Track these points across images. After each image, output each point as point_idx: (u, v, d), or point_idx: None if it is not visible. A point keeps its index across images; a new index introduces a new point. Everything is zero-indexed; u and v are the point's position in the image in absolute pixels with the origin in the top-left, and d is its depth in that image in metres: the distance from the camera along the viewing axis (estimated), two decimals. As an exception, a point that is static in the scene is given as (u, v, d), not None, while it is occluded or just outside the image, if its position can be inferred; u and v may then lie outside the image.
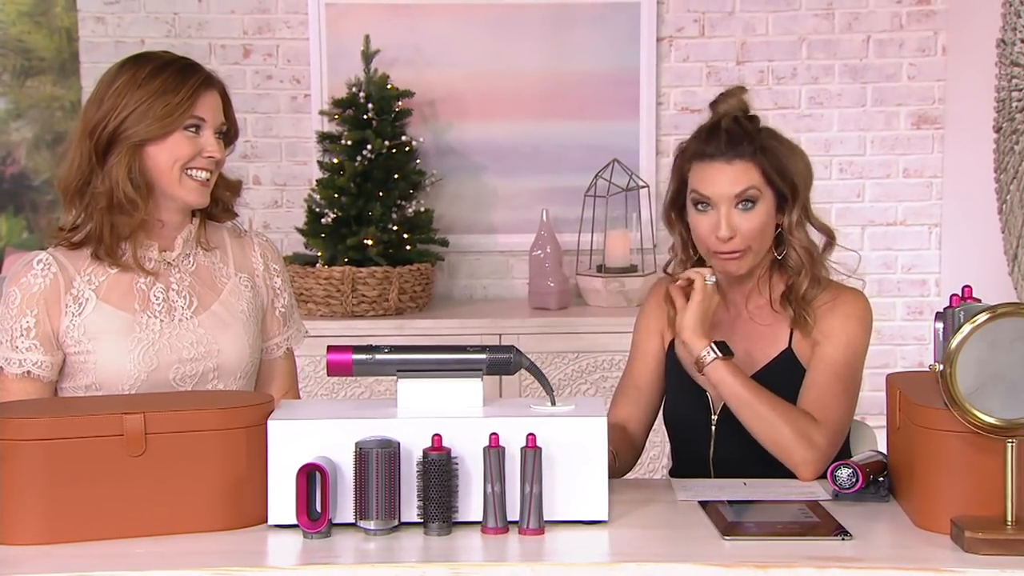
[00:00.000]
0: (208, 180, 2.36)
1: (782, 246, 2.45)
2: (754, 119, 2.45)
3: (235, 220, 2.51)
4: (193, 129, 2.32)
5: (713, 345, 2.34)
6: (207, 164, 2.34)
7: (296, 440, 1.98)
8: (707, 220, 2.41)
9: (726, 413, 2.42)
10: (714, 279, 2.39)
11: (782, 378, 2.40)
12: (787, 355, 2.43)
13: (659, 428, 2.62)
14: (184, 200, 2.35)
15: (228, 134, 2.41)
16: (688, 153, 2.45)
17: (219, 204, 2.45)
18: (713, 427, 2.46)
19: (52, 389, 2.35)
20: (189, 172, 2.33)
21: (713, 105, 2.48)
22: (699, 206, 2.42)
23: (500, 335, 3.87)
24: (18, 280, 2.32)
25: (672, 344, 2.54)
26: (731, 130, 2.41)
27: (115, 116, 2.29)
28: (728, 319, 2.50)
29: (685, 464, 2.54)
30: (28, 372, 2.30)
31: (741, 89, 2.49)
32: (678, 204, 2.49)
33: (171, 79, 2.31)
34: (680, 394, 2.52)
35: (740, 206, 2.39)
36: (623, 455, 2.45)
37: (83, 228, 2.34)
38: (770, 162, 2.40)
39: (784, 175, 2.40)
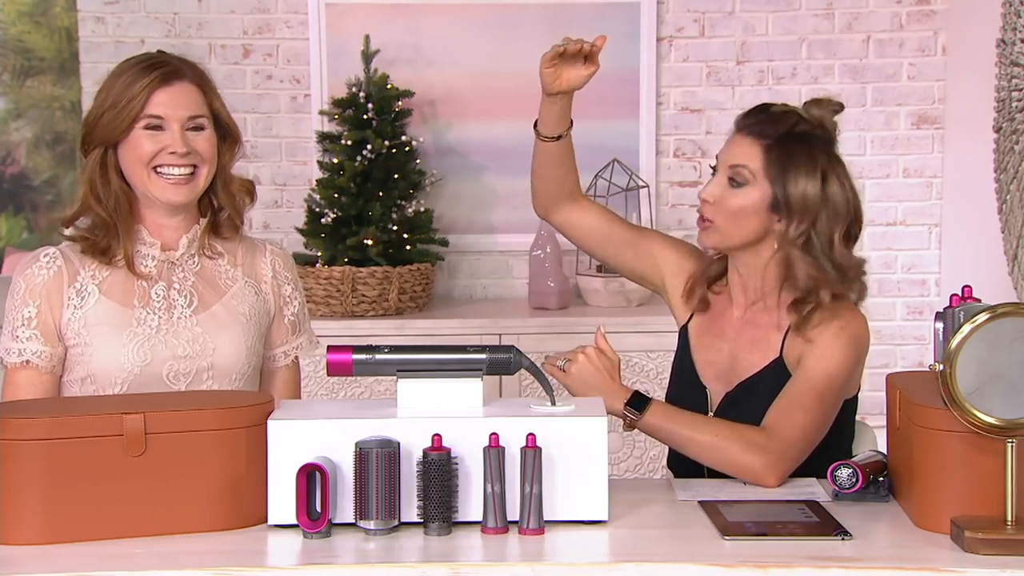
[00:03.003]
0: (183, 177, 2.34)
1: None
2: (814, 126, 2.40)
3: (240, 232, 2.47)
4: (152, 128, 2.32)
5: (628, 407, 2.29)
6: (173, 160, 2.32)
7: (296, 440, 1.98)
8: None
9: (722, 410, 2.42)
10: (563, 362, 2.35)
11: (771, 385, 2.37)
12: (777, 363, 2.41)
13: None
14: (159, 198, 2.35)
15: (220, 126, 2.39)
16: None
17: (221, 210, 2.42)
18: None
19: (56, 381, 2.36)
20: (159, 170, 2.33)
21: (806, 104, 2.46)
22: (713, 170, 2.45)
23: (500, 335, 3.87)
24: (23, 272, 2.36)
25: (686, 327, 2.53)
26: (770, 114, 2.40)
27: (91, 119, 2.34)
28: (731, 323, 2.49)
29: (682, 457, 2.52)
30: (27, 361, 2.32)
31: (839, 105, 2.46)
32: None
33: (130, 78, 2.33)
34: (681, 386, 2.52)
35: (730, 181, 2.39)
36: (566, 178, 2.53)
37: (91, 229, 2.37)
38: (778, 160, 2.36)
39: (778, 180, 2.36)
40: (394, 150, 4.08)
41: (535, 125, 2.52)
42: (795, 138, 2.38)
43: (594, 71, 2.45)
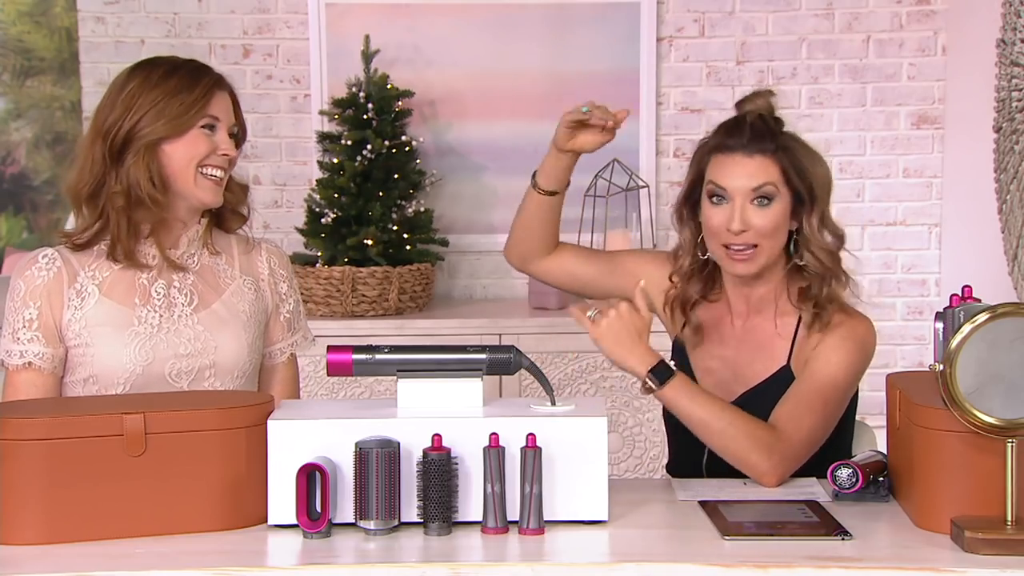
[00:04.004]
0: (222, 179, 2.39)
1: (799, 251, 2.41)
2: (779, 120, 2.43)
3: (244, 227, 2.50)
4: (208, 128, 2.36)
5: (650, 374, 2.27)
6: (221, 162, 2.37)
7: (296, 440, 1.98)
8: (721, 213, 2.37)
9: None
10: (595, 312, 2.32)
11: (778, 394, 2.35)
12: (784, 372, 2.40)
13: (659, 427, 2.62)
14: (199, 199, 2.37)
15: (238, 136, 2.44)
16: (708, 146, 2.42)
17: (226, 207, 2.45)
18: None
19: (56, 383, 2.36)
20: (204, 171, 2.36)
21: (739, 104, 2.45)
22: (714, 199, 2.39)
23: (500, 335, 3.87)
24: (22, 273, 2.35)
25: (679, 336, 2.53)
26: (755, 125, 2.39)
27: (129, 117, 2.32)
28: (732, 331, 2.48)
29: (680, 464, 2.54)
30: (29, 363, 2.33)
31: (769, 92, 2.47)
32: (692, 199, 2.45)
33: (184, 79, 2.35)
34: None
35: (756, 202, 2.36)
36: (550, 233, 2.56)
37: (91, 230, 2.35)
38: (791, 162, 2.37)
39: (803, 176, 2.37)
40: (394, 150, 4.08)
41: (533, 175, 2.54)
42: (780, 135, 2.40)
43: (609, 140, 2.46)
